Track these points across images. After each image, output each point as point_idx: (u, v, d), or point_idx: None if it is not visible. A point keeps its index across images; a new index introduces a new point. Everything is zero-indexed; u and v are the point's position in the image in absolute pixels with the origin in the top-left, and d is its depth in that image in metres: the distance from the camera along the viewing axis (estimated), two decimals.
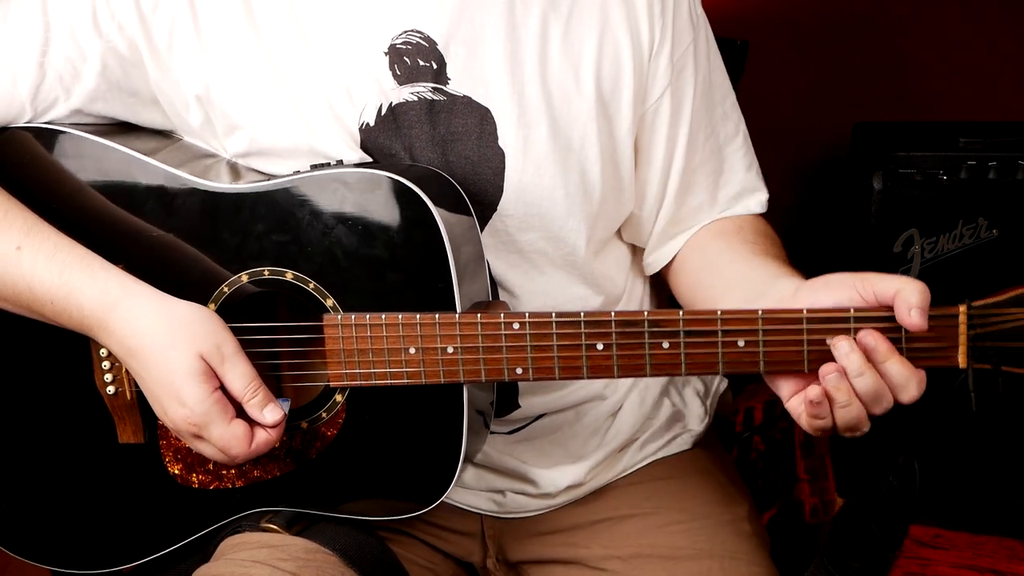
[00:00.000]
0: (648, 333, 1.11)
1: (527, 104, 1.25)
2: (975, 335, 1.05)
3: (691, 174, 1.35)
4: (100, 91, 1.27)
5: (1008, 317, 1.04)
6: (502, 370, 1.16)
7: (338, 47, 1.24)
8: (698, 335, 1.10)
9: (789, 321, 1.08)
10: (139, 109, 1.30)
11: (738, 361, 1.10)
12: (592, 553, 1.37)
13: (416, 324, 1.16)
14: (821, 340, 1.08)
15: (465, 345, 1.16)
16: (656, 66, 1.29)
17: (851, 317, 1.07)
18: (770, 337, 1.09)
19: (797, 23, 2.17)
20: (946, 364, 1.07)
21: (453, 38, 1.24)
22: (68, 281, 1.19)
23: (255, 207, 1.20)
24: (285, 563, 1.23)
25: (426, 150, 1.26)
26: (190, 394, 1.15)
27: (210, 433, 1.16)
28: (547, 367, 1.15)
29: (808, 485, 1.72)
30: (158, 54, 1.25)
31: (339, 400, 1.22)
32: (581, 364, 1.14)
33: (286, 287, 1.21)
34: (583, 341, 1.13)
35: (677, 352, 1.11)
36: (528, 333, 1.14)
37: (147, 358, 1.17)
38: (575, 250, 1.32)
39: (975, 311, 1.05)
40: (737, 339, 1.10)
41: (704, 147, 1.36)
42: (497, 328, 1.15)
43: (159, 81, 1.27)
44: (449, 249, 1.15)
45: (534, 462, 1.40)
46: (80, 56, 1.25)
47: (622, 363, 1.13)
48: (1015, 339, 1.04)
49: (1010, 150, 1.88)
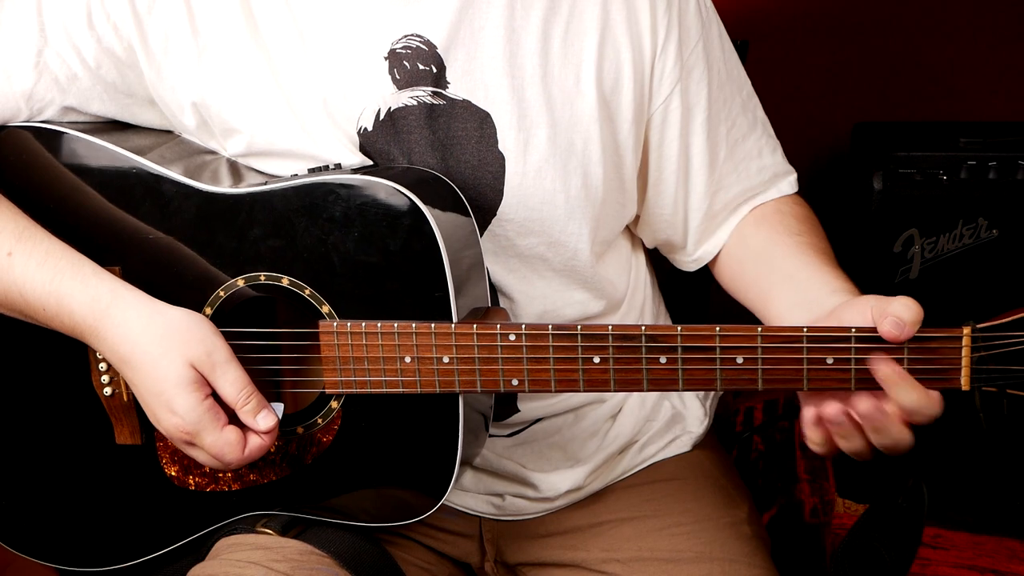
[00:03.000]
0: (645, 348, 1.06)
1: (527, 107, 1.20)
2: (979, 358, 0.99)
3: (718, 168, 1.31)
4: (96, 91, 1.22)
5: (1013, 340, 0.97)
6: (498, 381, 1.11)
7: (337, 51, 1.19)
8: (696, 351, 1.05)
9: (789, 339, 1.03)
10: (136, 110, 1.25)
11: (736, 379, 1.05)
12: (591, 556, 1.32)
13: (412, 333, 1.11)
14: (821, 359, 1.02)
15: (461, 356, 1.10)
16: (663, 66, 1.24)
17: (852, 336, 1.01)
18: (769, 355, 1.03)
19: (797, 23, 2.13)
20: (948, 386, 1.01)
21: (453, 42, 1.19)
22: (59, 287, 1.15)
23: (252, 211, 1.15)
24: (279, 564, 1.19)
25: (425, 155, 1.20)
26: (181, 403, 1.11)
27: (202, 440, 1.12)
28: (543, 379, 1.10)
29: (808, 485, 1.69)
30: (153, 56, 1.20)
31: (335, 406, 1.17)
32: (578, 378, 1.09)
33: (282, 292, 1.15)
34: (580, 355, 1.08)
35: (675, 368, 1.06)
36: (524, 345, 1.09)
37: (138, 366, 1.13)
38: (576, 254, 1.26)
39: (979, 333, 0.98)
40: (736, 356, 1.04)
41: (727, 139, 1.31)
42: (493, 339, 1.10)
43: (155, 83, 1.22)
44: (446, 258, 1.10)
45: (533, 466, 1.35)
46: (75, 56, 1.20)
47: (619, 377, 1.08)
48: (1020, 362, 0.97)
49: (1010, 150, 1.84)
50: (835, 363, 1.02)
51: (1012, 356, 0.98)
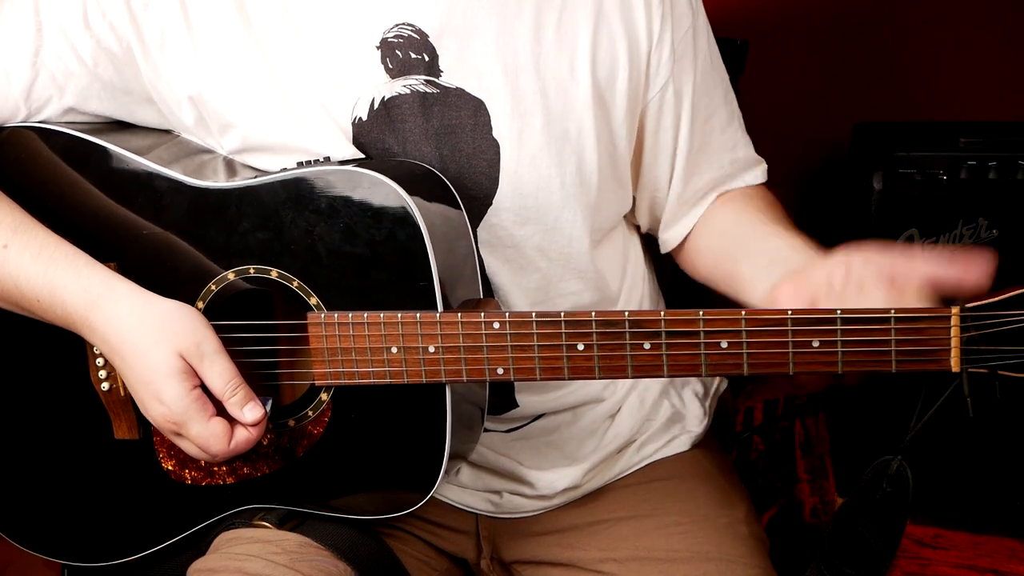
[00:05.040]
0: (629, 334, 1.01)
1: (522, 94, 1.17)
2: (969, 338, 0.93)
3: (696, 154, 1.29)
4: (94, 89, 1.20)
5: (1005, 318, 0.91)
6: (483, 370, 1.06)
7: (330, 42, 1.16)
8: (680, 336, 1.00)
9: (773, 323, 0.98)
10: (134, 108, 1.23)
11: (721, 363, 1.00)
12: (588, 555, 1.28)
13: (398, 323, 1.07)
14: (807, 342, 0.97)
15: (446, 345, 1.07)
16: (659, 55, 1.22)
17: (838, 319, 0.96)
18: (754, 339, 0.98)
19: (797, 23, 2.10)
20: (937, 368, 0.95)
21: (445, 30, 1.16)
22: (53, 279, 1.12)
23: (241, 205, 1.13)
24: (279, 556, 1.16)
25: (420, 144, 1.17)
26: (168, 392, 1.08)
27: (189, 431, 1.09)
28: (528, 367, 1.05)
29: (808, 485, 1.66)
30: (150, 52, 1.18)
31: (324, 398, 1.14)
32: (562, 365, 1.04)
33: (272, 285, 1.12)
34: (564, 341, 1.03)
35: (659, 353, 1.01)
36: (508, 333, 1.05)
37: (128, 357, 1.10)
38: (571, 242, 1.23)
39: (968, 312, 0.93)
40: (720, 340, 0.99)
41: (705, 128, 1.29)
42: (478, 328, 1.06)
43: (152, 79, 1.19)
44: (430, 247, 1.06)
45: (530, 463, 1.31)
46: (72, 55, 1.18)
47: (603, 364, 1.03)
48: (1012, 342, 0.91)
49: (1010, 150, 1.80)
50: (821, 346, 0.97)
51: (1003, 336, 0.92)
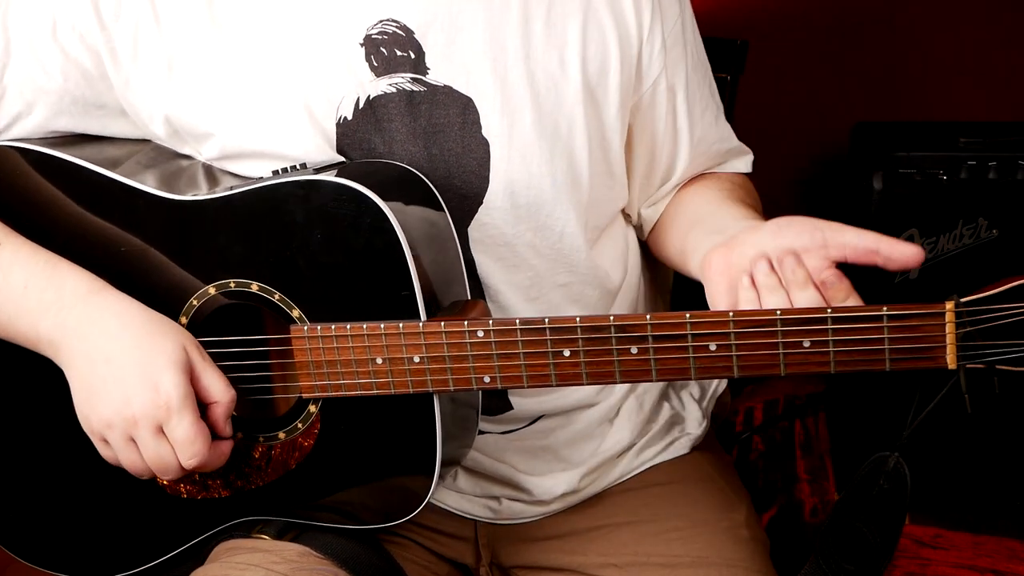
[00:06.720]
0: (615, 339, 0.96)
1: (511, 91, 1.12)
2: (965, 333, 0.87)
3: (696, 146, 1.25)
4: (64, 104, 1.15)
5: (1001, 312, 0.85)
6: (470, 379, 1.02)
7: (312, 40, 1.11)
8: (667, 339, 0.95)
9: (762, 324, 0.92)
10: (107, 122, 1.18)
11: (711, 366, 0.95)
12: (588, 561, 1.23)
13: (381, 334, 1.02)
14: (797, 343, 0.91)
15: (431, 355, 1.02)
16: (651, 49, 1.17)
17: (828, 317, 0.90)
18: (743, 340, 0.93)
19: (797, 23, 2.04)
20: (933, 365, 0.90)
21: (430, 26, 1.11)
22: (56, 265, 1.10)
23: (217, 218, 1.08)
24: (279, 566, 1.11)
25: (407, 143, 1.12)
26: (169, 380, 1.02)
27: (180, 421, 1.03)
28: (515, 375, 1.00)
29: (808, 485, 1.61)
30: (121, 64, 1.13)
31: (313, 410, 1.09)
32: (549, 372, 0.99)
33: (253, 299, 1.08)
34: (549, 348, 0.98)
35: (647, 358, 0.96)
36: (493, 341, 1.00)
37: (131, 337, 1.05)
38: (562, 238, 1.18)
39: (964, 308, 0.87)
40: (708, 343, 0.94)
41: (702, 120, 1.26)
42: (462, 336, 1.01)
43: (123, 92, 1.14)
44: (409, 255, 1.01)
45: (525, 468, 1.26)
46: (41, 70, 1.13)
47: (590, 370, 0.98)
48: (1009, 336, 0.85)
49: (1010, 150, 1.74)
50: (812, 346, 0.91)
51: (1001, 330, 0.87)
